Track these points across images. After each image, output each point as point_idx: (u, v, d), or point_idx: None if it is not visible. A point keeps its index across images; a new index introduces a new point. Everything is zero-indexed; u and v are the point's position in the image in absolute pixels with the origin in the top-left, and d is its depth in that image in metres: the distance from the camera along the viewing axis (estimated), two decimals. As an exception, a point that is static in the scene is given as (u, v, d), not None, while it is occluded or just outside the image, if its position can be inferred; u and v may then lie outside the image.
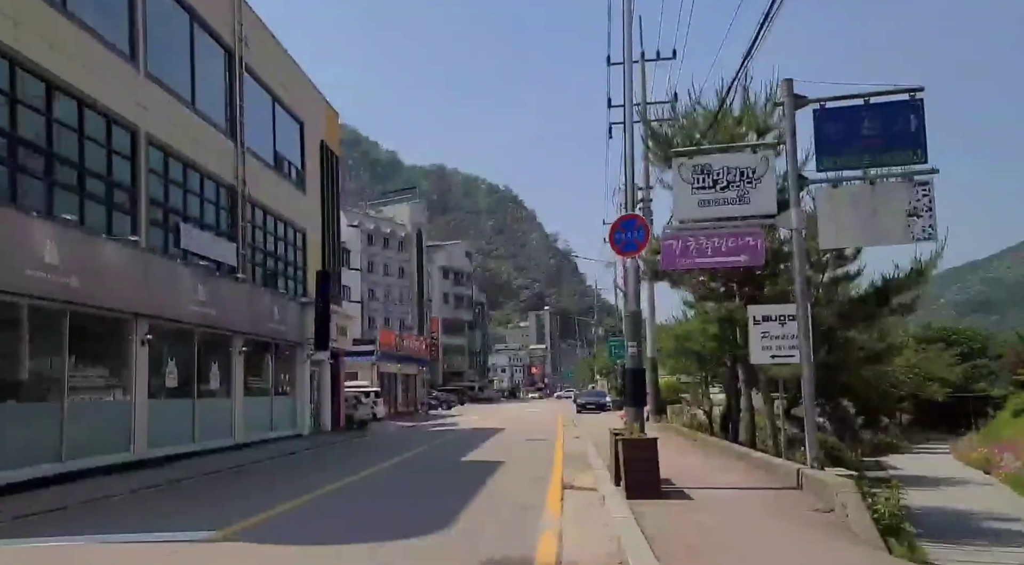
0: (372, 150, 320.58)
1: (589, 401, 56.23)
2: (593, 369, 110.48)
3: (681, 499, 11.48)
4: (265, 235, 27.10)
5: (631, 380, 13.27)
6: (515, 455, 20.73)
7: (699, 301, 25.04)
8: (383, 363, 50.70)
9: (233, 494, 14.36)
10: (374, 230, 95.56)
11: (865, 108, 13.19)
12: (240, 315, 23.56)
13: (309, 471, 18.08)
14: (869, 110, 13.21)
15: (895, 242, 13.69)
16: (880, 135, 13.14)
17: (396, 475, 16.69)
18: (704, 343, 21.27)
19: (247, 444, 24.05)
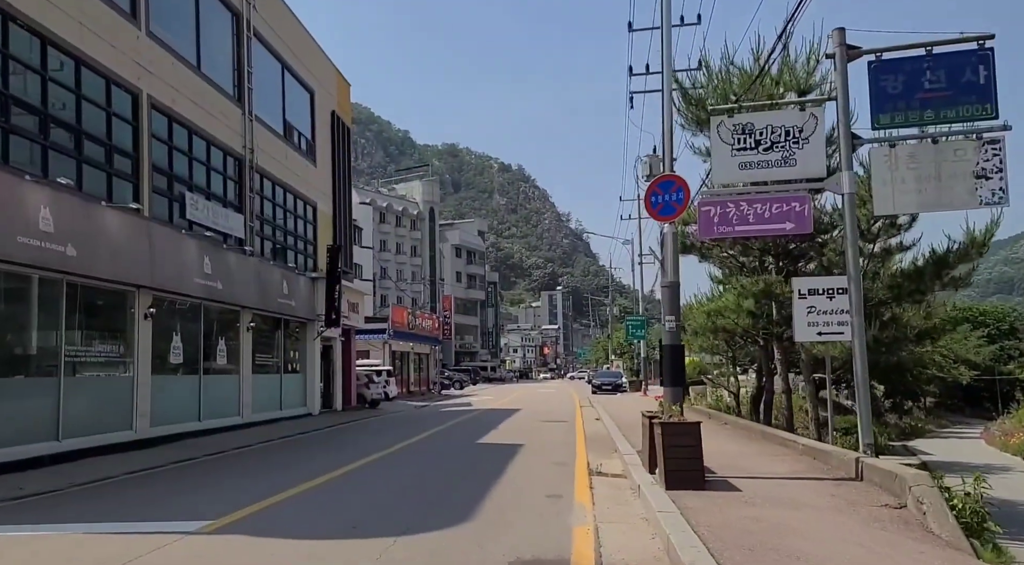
0: (385, 129, 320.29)
1: (605, 382, 55.25)
2: (607, 349, 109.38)
3: (728, 491, 10.44)
4: (274, 207, 26.09)
5: (669, 358, 12.22)
6: (534, 438, 19.76)
7: (728, 276, 23.96)
8: (395, 342, 49.74)
9: (236, 478, 13.39)
10: (386, 208, 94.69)
11: (927, 58, 12.12)
12: (248, 289, 22.60)
13: (318, 453, 17.13)
14: (931, 61, 12.13)
15: (960, 207, 12.59)
16: (944, 88, 12.08)
17: (409, 459, 15.71)
18: (737, 320, 20.15)
19: (255, 423, 23.16)
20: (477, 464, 14.55)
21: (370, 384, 36.46)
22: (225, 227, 21.57)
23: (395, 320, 49.77)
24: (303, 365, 28.59)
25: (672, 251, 12.77)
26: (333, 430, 23.50)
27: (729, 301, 20.00)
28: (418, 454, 16.41)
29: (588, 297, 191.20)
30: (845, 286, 14.22)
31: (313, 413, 28.52)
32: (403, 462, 15.09)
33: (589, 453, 16.35)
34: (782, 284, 19.33)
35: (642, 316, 63.05)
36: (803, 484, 11.00)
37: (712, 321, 20.60)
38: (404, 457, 15.92)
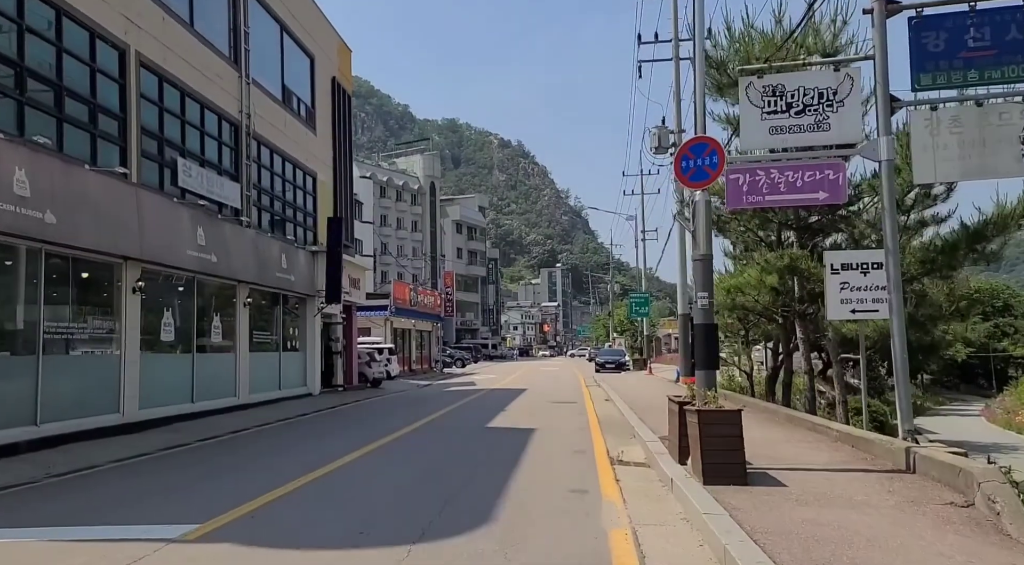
0: (385, 103, 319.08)
1: (608, 360, 54.30)
2: (608, 327, 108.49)
3: (772, 486, 9.39)
4: (272, 176, 24.89)
5: (703, 338, 11.13)
6: (545, 421, 18.73)
7: (745, 252, 22.89)
8: (397, 319, 48.68)
9: (228, 468, 12.32)
10: (387, 182, 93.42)
11: (971, 15, 11.30)
12: (245, 263, 21.46)
13: (317, 438, 16.09)
14: (976, 17, 11.32)
15: (1006, 175, 11.82)
16: (989, 46, 11.31)
17: (417, 445, 14.66)
18: (758, 297, 19.13)
19: (252, 404, 22.11)
20: (491, 452, 13.50)
21: (372, 363, 35.42)
22: (220, 196, 20.40)
23: (397, 296, 48.67)
24: (303, 343, 27.51)
25: (704, 221, 11.66)
26: (334, 412, 22.46)
27: (751, 277, 18.96)
28: (426, 440, 15.36)
29: (588, 274, 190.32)
30: (881, 260, 13.32)
31: (313, 393, 27.49)
32: (410, 450, 14.03)
33: (606, 438, 15.38)
34: (808, 259, 18.29)
35: (645, 293, 62.00)
36: (852, 478, 9.96)
37: (731, 298, 19.54)
38: (411, 444, 14.86)
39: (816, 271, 17.94)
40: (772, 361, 23.69)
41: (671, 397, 12.18)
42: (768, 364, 24.10)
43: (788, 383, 21.42)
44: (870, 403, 26.25)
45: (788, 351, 20.62)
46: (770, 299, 18.70)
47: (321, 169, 29.23)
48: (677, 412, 11.42)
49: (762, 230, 20.78)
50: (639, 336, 73.30)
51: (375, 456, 13.10)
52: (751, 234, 20.62)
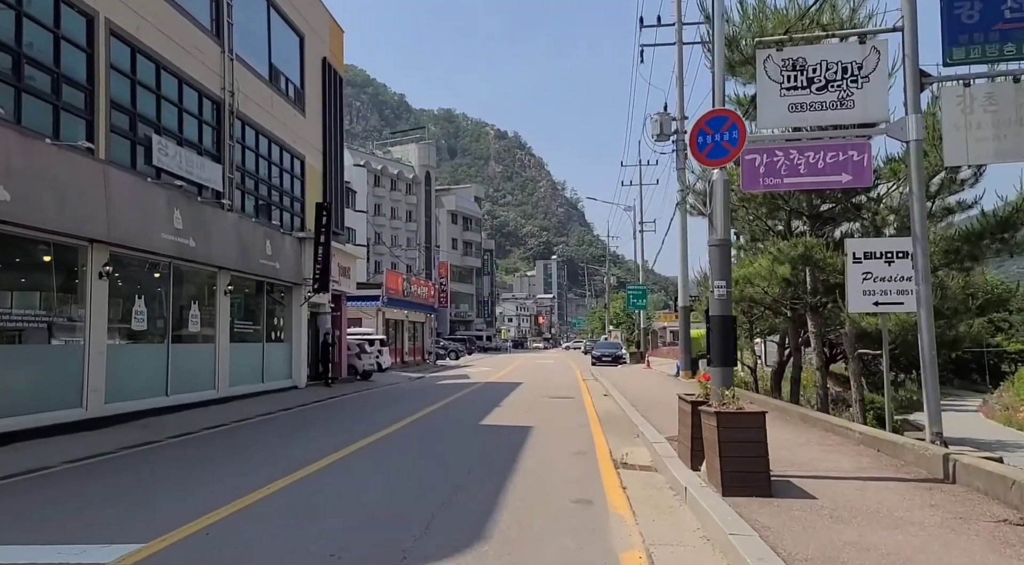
0: (381, 92, 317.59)
1: (605, 353, 53.29)
2: (604, 319, 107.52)
3: (801, 498, 8.33)
4: (257, 158, 23.72)
5: (719, 331, 10.04)
6: (542, 417, 17.67)
7: (752, 242, 21.84)
8: (389, 309, 47.48)
9: (193, 471, 11.20)
10: (381, 170, 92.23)
11: None
12: (226, 248, 20.32)
13: (297, 436, 15.00)
14: None
15: None
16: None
17: (404, 446, 13.56)
18: (768, 288, 18.06)
19: (233, 398, 21.02)
20: (484, 453, 12.40)
21: (362, 354, 34.33)
22: (200, 178, 19.25)
23: (389, 286, 47.48)
24: (288, 333, 26.38)
25: (722, 203, 10.56)
26: (319, 406, 21.36)
27: (761, 267, 17.88)
28: (414, 439, 14.25)
29: (584, 265, 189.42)
30: (906, 249, 12.35)
31: (299, 386, 26.37)
32: (396, 451, 12.93)
33: (608, 437, 14.34)
34: (823, 248, 17.23)
35: (643, 285, 61.00)
36: (886, 488, 8.90)
37: (739, 289, 18.46)
38: (397, 443, 13.76)
39: (832, 261, 16.91)
40: (778, 356, 22.64)
41: (683, 396, 11.14)
42: (774, 359, 23.03)
43: (797, 379, 20.36)
44: (872, 398, 25.27)
45: (797, 345, 19.57)
46: (780, 291, 17.64)
47: (310, 153, 28.07)
48: (690, 412, 10.37)
49: (771, 218, 19.71)
50: (636, 329, 72.34)
51: (357, 458, 12.01)
52: (760, 223, 19.55)
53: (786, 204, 19.34)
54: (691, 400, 10.46)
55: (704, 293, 23.60)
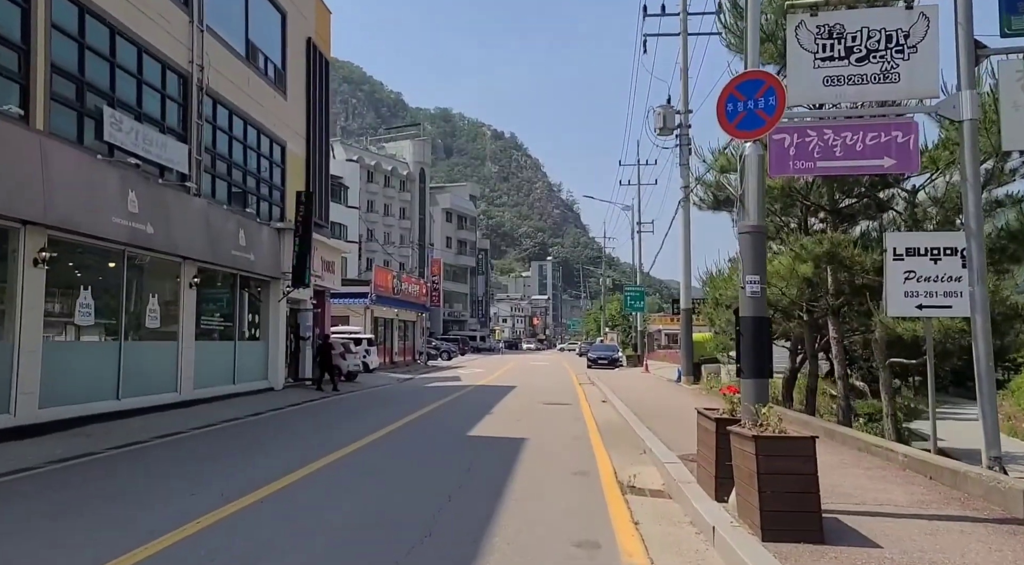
0: (377, 90, 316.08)
1: (601, 356, 51.65)
2: (599, 321, 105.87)
3: (861, 546, 6.63)
4: (231, 141, 21.88)
5: (752, 335, 8.23)
6: (537, 427, 15.91)
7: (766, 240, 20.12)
8: (378, 307, 45.63)
9: (124, 492, 9.40)
10: (375, 166, 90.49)
11: None
12: (191, 237, 18.50)
13: (259, 448, 13.21)
14: None
15: None
16: None
17: (379, 463, 11.74)
18: (785, 289, 16.25)
19: (198, 401, 19.20)
20: (470, 474, 10.58)
21: (347, 354, 32.38)
22: (162, 158, 17.41)
23: (378, 284, 45.65)
24: (265, 331, 24.54)
25: (757, 180, 8.76)
26: (293, 411, 19.52)
27: (780, 266, 16.04)
28: (389, 456, 12.40)
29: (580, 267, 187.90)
30: (956, 245, 10.72)
31: (275, 388, 24.54)
32: (367, 469, 11.12)
33: (611, 452, 12.62)
34: (850, 246, 15.45)
35: (641, 287, 59.31)
36: (962, 531, 7.17)
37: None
38: (370, 460, 11.94)
39: (860, 259, 15.12)
40: (790, 363, 20.86)
41: (704, 411, 9.42)
42: (784, 365, 21.26)
43: (813, 388, 18.56)
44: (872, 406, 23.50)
45: (813, 352, 17.80)
46: (799, 292, 15.86)
47: (292, 139, 26.24)
48: (714, 433, 8.64)
49: (785, 214, 17.94)
50: (632, 331, 70.67)
51: (319, 478, 10.20)
52: (774, 218, 17.77)
53: (804, 199, 17.59)
54: (716, 418, 8.73)
55: (712, 293, 21.82)
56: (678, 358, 59.20)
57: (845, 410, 17.07)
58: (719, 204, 18.43)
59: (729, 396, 9.05)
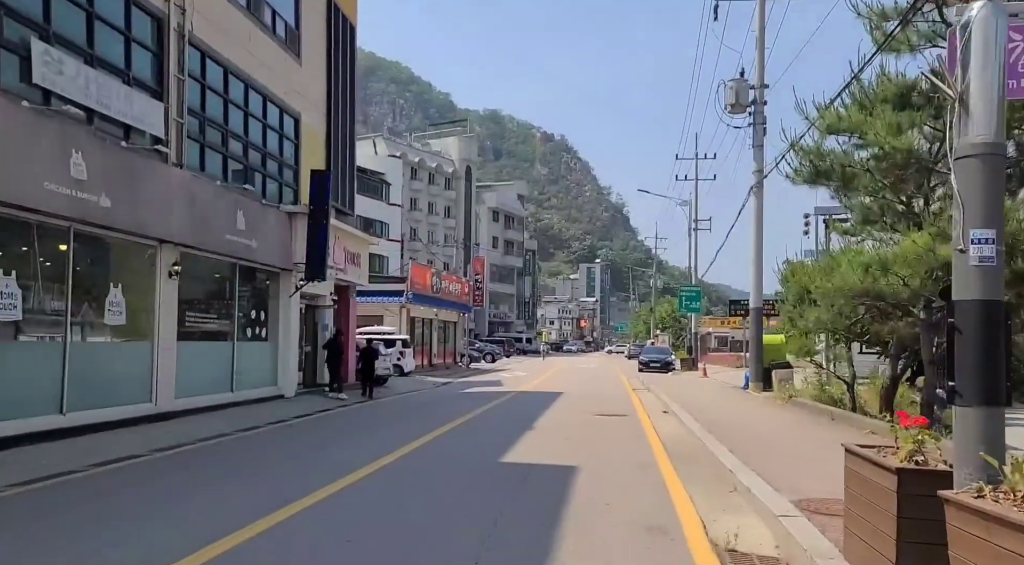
0: (425, 91, 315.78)
1: (653, 359, 48.10)
2: (648, 324, 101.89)
3: None
4: (227, 106, 18.63)
5: (979, 330, 4.62)
6: (590, 449, 12.40)
7: (864, 224, 16.39)
8: (415, 306, 42.28)
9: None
10: (419, 163, 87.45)
11: None
12: (168, 215, 15.23)
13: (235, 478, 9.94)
14: None
15: None
16: None
17: (372, 509, 8.21)
18: (910, 279, 12.38)
19: (181, 413, 15.96)
20: (494, 535, 7.07)
21: (376, 356, 29.03)
22: (126, 116, 14.14)
23: (416, 281, 42.33)
24: (274, 331, 21.28)
25: (994, 66, 5.10)
26: (295, 426, 16.17)
27: (906, 249, 12.10)
28: (391, 496, 8.80)
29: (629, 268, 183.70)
30: None
31: (287, 395, 21.25)
32: (361, 517, 7.68)
33: (690, 490, 9.05)
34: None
35: (697, 286, 55.40)
36: None
37: (864, 280, 12.86)
38: (368, 500, 8.44)
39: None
40: (891, 369, 17.03)
41: (863, 453, 5.88)
42: (886, 374, 17.46)
43: (931, 403, 14.63)
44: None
45: (931, 359, 13.99)
46: (922, 283, 12.08)
47: (308, 111, 22.98)
48: (894, 491, 5.09)
49: (893, 192, 14.22)
50: (686, 333, 66.79)
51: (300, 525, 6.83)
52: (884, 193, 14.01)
53: (920, 174, 13.82)
54: (897, 467, 5.18)
55: (793, 288, 18.05)
56: (733, 361, 55.94)
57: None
58: (818, 176, 14.72)
59: (913, 432, 5.42)
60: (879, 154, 13.33)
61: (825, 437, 12.92)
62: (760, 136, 24.93)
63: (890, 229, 14.77)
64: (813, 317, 16.67)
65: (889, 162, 13.66)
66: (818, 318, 16.46)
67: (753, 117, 25.29)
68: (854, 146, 14.35)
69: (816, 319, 16.61)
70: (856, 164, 14.50)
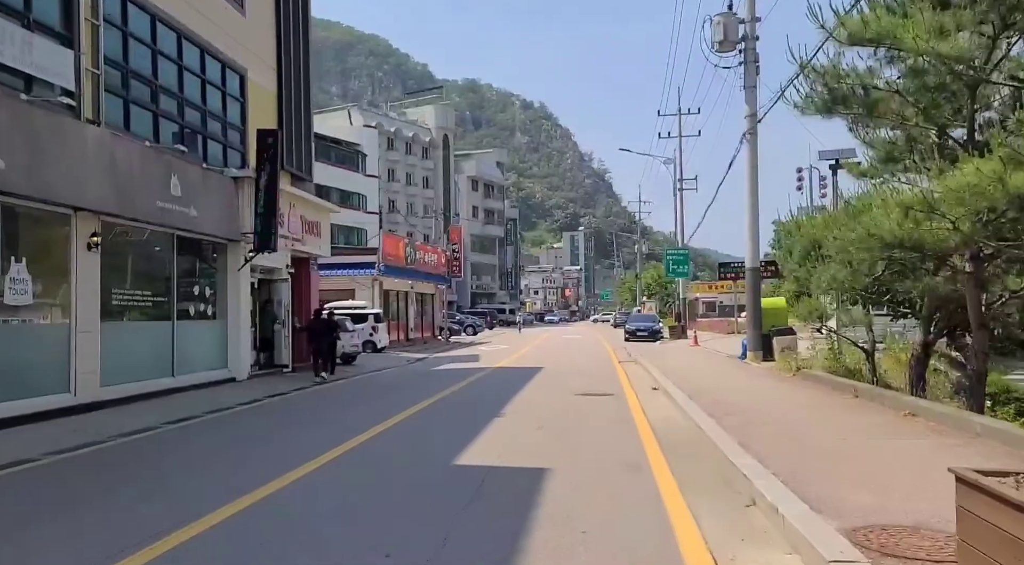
0: (403, 62, 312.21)
1: (640, 327, 46.33)
2: (634, 291, 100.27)
3: None
4: (155, 58, 16.57)
5: None
6: (567, 443, 10.54)
7: (886, 163, 14.41)
8: (388, 279, 40.27)
9: None
10: (395, 133, 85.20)
11: None
12: (83, 179, 13.28)
13: (136, 490, 8.15)
14: None
15: None
16: None
17: (260, 546, 6.44)
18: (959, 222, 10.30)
19: (105, 403, 14.11)
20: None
21: (342, 333, 27.21)
22: (23, 62, 12.15)
23: (388, 252, 40.30)
24: (222, 308, 19.39)
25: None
26: (239, 415, 14.38)
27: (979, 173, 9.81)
28: (297, 523, 7.01)
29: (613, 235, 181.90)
30: None
31: (239, 378, 19.41)
32: (269, 541, 5.91)
33: (692, 504, 7.18)
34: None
35: (684, 249, 53.54)
36: None
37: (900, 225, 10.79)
38: (256, 535, 6.59)
39: None
40: (922, 336, 15.24)
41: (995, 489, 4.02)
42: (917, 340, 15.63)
43: (983, 376, 12.86)
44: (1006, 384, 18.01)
45: (981, 322, 12.14)
46: (972, 227, 10.18)
47: (255, 67, 20.93)
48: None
49: (925, 118, 12.23)
50: (673, 300, 65.12)
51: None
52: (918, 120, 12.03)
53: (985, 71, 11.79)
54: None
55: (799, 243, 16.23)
56: (723, 327, 54.21)
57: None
58: (834, 103, 12.59)
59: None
60: (916, 67, 11.33)
61: (857, 422, 10.99)
62: (753, 76, 22.88)
63: (918, 168, 12.78)
64: (827, 276, 14.72)
65: (926, 79, 11.74)
66: (833, 277, 14.53)
67: (744, 55, 23.20)
68: (882, 61, 12.20)
69: (831, 278, 14.67)
70: (882, 86, 12.50)
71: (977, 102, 11.88)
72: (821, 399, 14.09)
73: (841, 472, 7.70)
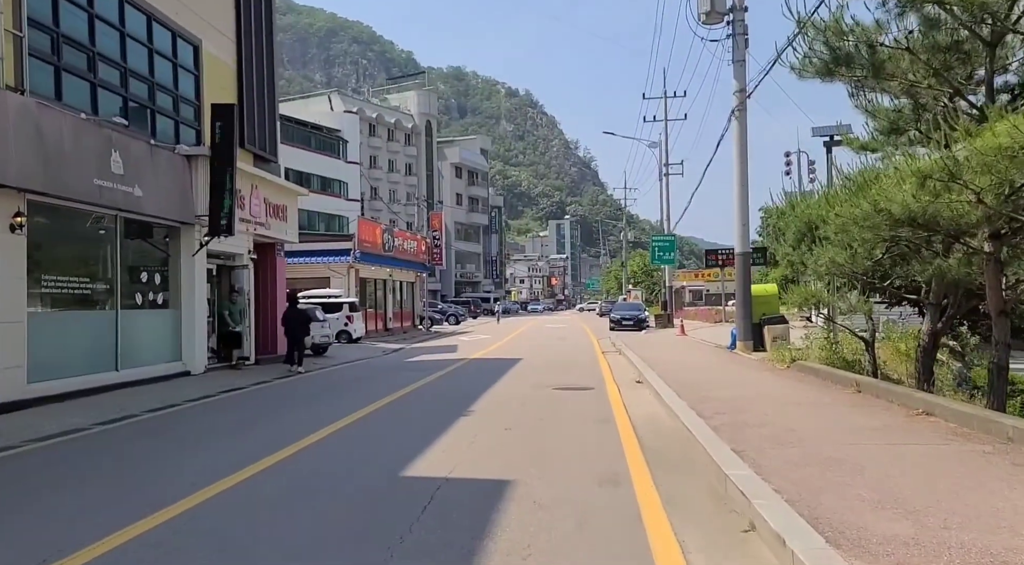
0: (388, 50, 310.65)
1: (625, 316, 45.06)
2: (621, 279, 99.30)
3: None
4: (93, 22, 15.15)
5: None
6: (535, 451, 9.13)
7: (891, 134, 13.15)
8: (364, 266, 38.90)
9: None
10: (376, 119, 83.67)
11: None
12: (5, 151, 11.92)
13: (32, 505, 6.81)
14: None
15: None
16: None
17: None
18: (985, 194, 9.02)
19: (36, 401, 12.80)
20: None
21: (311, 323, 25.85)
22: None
23: (364, 239, 38.88)
24: (176, 297, 18.03)
25: None
26: (182, 413, 13.08)
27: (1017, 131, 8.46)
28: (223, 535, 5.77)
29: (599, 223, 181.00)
30: None
31: (194, 372, 18.10)
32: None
33: (678, 530, 5.83)
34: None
35: (671, 235, 52.35)
36: None
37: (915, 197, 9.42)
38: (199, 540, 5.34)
39: None
40: (931, 324, 14.04)
41: None
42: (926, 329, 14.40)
43: (1003, 364, 11.60)
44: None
45: (1002, 308, 10.94)
46: (998, 199, 8.89)
47: (211, 37, 19.50)
48: None
49: (937, 79, 10.96)
50: (659, 288, 64.10)
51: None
52: (930, 81, 10.76)
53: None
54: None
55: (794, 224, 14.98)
56: (710, 316, 53.14)
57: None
58: (836, 63, 11.27)
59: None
60: (931, 17, 10.05)
61: (865, 423, 9.64)
62: (741, 49, 21.49)
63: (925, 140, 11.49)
64: (826, 259, 13.44)
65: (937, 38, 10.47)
66: (832, 259, 13.26)
67: (732, 26, 21.78)
68: (892, 12, 10.86)
69: (830, 261, 13.39)
70: (890, 43, 11.18)
71: (995, 64, 10.66)
72: (821, 395, 12.78)
73: (856, 488, 6.41)
